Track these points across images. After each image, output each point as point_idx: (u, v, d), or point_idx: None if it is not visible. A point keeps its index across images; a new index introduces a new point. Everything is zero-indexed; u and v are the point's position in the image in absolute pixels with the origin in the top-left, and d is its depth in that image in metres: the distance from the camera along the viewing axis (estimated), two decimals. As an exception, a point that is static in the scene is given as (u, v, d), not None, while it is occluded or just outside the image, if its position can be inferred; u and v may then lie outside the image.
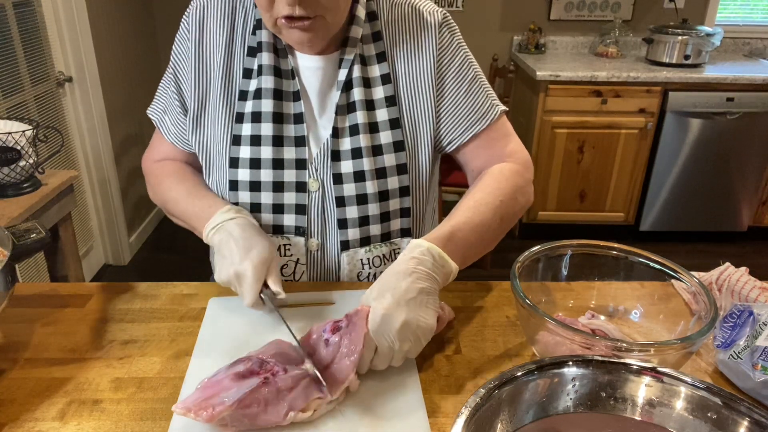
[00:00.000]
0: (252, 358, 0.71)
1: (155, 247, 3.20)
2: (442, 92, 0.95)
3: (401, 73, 0.93)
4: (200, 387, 0.68)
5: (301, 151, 0.91)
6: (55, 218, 1.79)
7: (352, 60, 0.90)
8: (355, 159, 0.91)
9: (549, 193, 3.19)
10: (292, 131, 0.91)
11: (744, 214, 3.23)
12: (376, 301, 0.72)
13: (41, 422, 0.69)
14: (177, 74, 0.96)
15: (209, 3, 0.93)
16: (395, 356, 0.73)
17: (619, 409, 0.60)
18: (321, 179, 0.92)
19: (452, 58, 0.95)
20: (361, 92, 0.91)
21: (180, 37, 0.95)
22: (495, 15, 3.42)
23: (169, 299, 0.93)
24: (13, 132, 1.62)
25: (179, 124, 0.99)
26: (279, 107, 0.91)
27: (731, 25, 3.47)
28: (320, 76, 0.92)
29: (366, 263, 0.97)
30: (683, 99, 2.93)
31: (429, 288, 0.75)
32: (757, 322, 0.74)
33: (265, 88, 0.90)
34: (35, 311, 0.90)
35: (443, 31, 0.94)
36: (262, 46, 0.90)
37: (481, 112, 0.96)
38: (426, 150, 0.95)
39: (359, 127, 0.91)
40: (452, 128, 0.96)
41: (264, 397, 0.66)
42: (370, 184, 0.92)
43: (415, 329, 0.72)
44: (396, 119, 0.93)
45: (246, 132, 0.91)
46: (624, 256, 0.83)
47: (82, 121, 2.70)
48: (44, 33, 2.44)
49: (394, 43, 0.94)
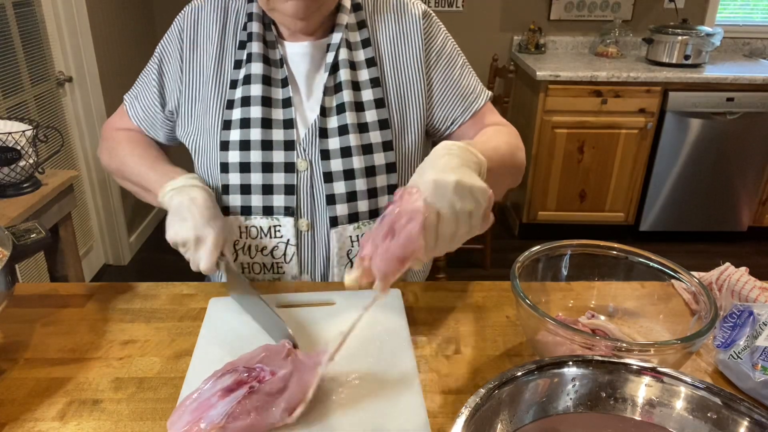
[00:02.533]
0: (238, 368, 0.71)
1: (155, 247, 3.20)
2: (433, 78, 1.00)
3: (387, 58, 0.99)
4: (189, 407, 0.67)
5: (289, 133, 0.95)
6: (55, 218, 1.79)
7: (338, 44, 0.95)
8: (341, 135, 0.95)
9: (549, 193, 3.19)
10: (281, 114, 0.95)
11: (744, 214, 3.23)
12: (420, 177, 0.69)
13: (41, 422, 0.69)
14: (162, 68, 1.02)
15: (204, 3, 0.99)
16: (460, 221, 0.68)
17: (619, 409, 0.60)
18: (309, 159, 0.95)
19: (442, 47, 1.01)
20: (347, 73, 0.95)
21: (171, 35, 1.01)
22: (495, 15, 3.42)
23: (169, 299, 0.93)
24: (13, 132, 1.62)
25: (150, 112, 1.05)
26: (267, 92, 0.95)
27: (731, 25, 3.47)
28: (308, 61, 0.96)
29: (355, 240, 0.99)
30: (683, 99, 2.94)
31: (468, 161, 0.72)
32: (757, 322, 0.74)
33: (255, 74, 0.94)
34: (35, 311, 0.90)
35: (429, 21, 1.00)
36: (252, 37, 0.95)
37: (475, 94, 1.02)
38: (415, 130, 0.99)
39: (345, 105, 0.95)
40: (449, 111, 1.01)
41: (253, 406, 0.66)
42: (356, 160, 0.94)
43: (470, 188, 0.68)
44: (381, 99, 0.97)
45: (236, 116, 0.95)
46: (624, 256, 0.83)
47: (82, 121, 2.70)
48: (44, 33, 2.44)
49: (379, 30, 0.99)
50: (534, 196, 3.20)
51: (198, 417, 0.65)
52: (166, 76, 1.02)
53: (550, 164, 3.10)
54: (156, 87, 1.03)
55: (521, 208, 3.30)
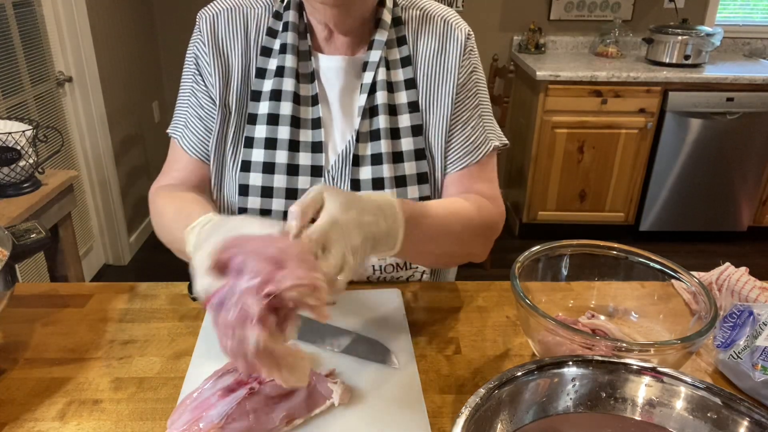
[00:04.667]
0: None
1: (155, 247, 3.20)
2: (455, 113, 0.93)
3: (423, 82, 0.92)
4: (189, 407, 0.67)
5: (317, 158, 0.89)
6: (55, 218, 1.79)
7: (377, 62, 0.88)
8: (374, 165, 0.89)
9: (549, 193, 3.19)
10: (310, 136, 0.89)
11: (744, 214, 3.23)
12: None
13: (41, 422, 0.69)
14: (203, 82, 0.91)
15: (218, 15, 0.90)
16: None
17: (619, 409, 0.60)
18: (338, 187, 0.89)
19: (466, 83, 0.93)
20: (384, 96, 0.89)
21: (198, 50, 0.91)
22: (495, 15, 3.42)
23: (169, 299, 0.93)
24: (13, 132, 1.62)
25: (201, 134, 0.92)
26: (297, 111, 0.88)
27: (731, 25, 3.47)
28: (342, 78, 0.90)
29: (377, 269, 0.96)
30: (683, 99, 2.94)
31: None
32: (757, 322, 0.74)
33: (285, 90, 0.87)
34: (35, 311, 0.90)
35: (468, 51, 0.93)
36: (286, 48, 0.87)
37: (476, 144, 0.94)
38: (440, 161, 0.93)
39: (381, 132, 0.88)
40: (451, 154, 0.94)
41: (252, 408, 0.66)
42: (389, 193, 0.88)
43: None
44: (419, 126, 0.91)
45: (260, 134, 0.88)
46: (624, 256, 0.83)
47: (82, 121, 2.70)
48: (44, 33, 2.44)
49: (419, 50, 0.92)
50: (534, 196, 3.20)
51: (197, 416, 0.65)
52: (207, 80, 0.90)
53: (550, 164, 3.10)
54: (204, 92, 0.90)
55: (521, 208, 3.30)
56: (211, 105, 0.91)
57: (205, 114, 0.92)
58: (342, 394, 0.69)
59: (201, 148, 0.93)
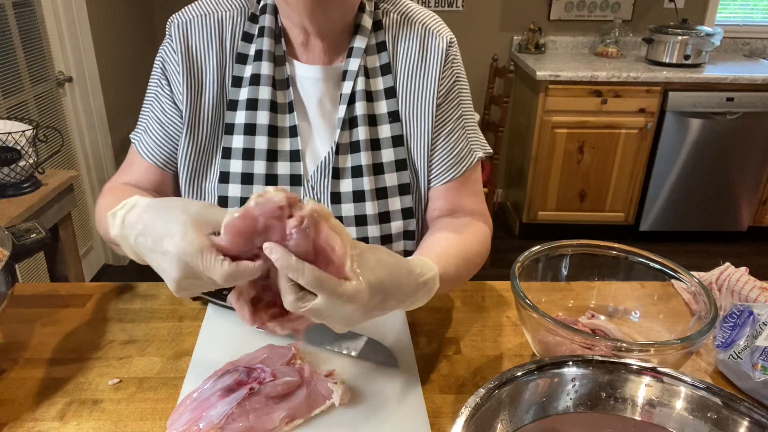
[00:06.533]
0: (239, 368, 0.71)
1: (155, 247, 3.20)
2: (437, 122, 0.90)
3: (403, 91, 0.88)
4: (189, 407, 0.67)
5: (295, 167, 0.86)
6: (55, 218, 1.79)
7: (356, 72, 0.85)
8: (355, 178, 0.86)
9: (549, 193, 3.19)
10: (287, 145, 0.86)
11: (744, 214, 3.23)
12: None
13: (41, 422, 0.69)
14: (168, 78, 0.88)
15: (191, 22, 0.87)
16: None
17: (619, 409, 0.60)
18: (318, 198, 0.87)
19: (448, 93, 0.90)
20: (363, 106, 0.86)
21: (167, 56, 0.88)
22: (495, 15, 3.42)
23: (169, 299, 0.93)
24: (13, 132, 1.62)
25: (167, 135, 0.89)
26: (274, 120, 0.85)
27: (731, 25, 3.47)
28: (320, 88, 0.87)
29: None
30: (683, 99, 2.94)
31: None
32: (757, 322, 0.74)
33: (262, 99, 0.84)
34: (35, 311, 0.90)
35: (450, 60, 0.90)
36: (262, 55, 0.84)
37: (461, 155, 0.91)
38: (423, 172, 0.90)
39: (360, 143, 0.86)
40: (436, 166, 0.91)
41: (253, 408, 0.66)
42: (369, 205, 0.86)
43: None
44: (399, 136, 0.88)
45: (237, 144, 0.85)
46: (624, 256, 0.83)
47: (82, 121, 2.70)
48: (44, 33, 2.44)
49: (399, 57, 0.89)
50: (534, 196, 3.20)
51: (197, 417, 0.65)
52: (174, 87, 0.87)
53: (550, 164, 3.10)
54: (167, 98, 0.88)
55: (521, 208, 3.30)
56: (174, 112, 0.88)
57: (166, 120, 0.89)
58: (342, 394, 0.69)
59: (159, 153, 0.90)
